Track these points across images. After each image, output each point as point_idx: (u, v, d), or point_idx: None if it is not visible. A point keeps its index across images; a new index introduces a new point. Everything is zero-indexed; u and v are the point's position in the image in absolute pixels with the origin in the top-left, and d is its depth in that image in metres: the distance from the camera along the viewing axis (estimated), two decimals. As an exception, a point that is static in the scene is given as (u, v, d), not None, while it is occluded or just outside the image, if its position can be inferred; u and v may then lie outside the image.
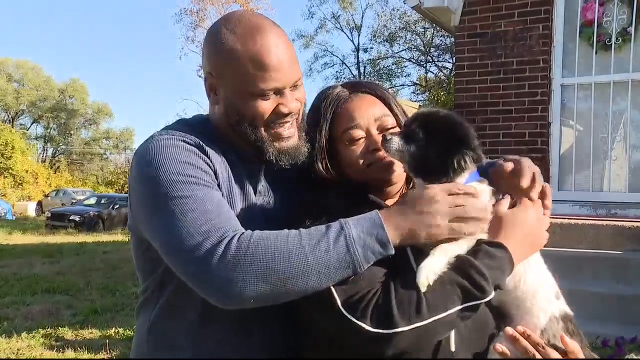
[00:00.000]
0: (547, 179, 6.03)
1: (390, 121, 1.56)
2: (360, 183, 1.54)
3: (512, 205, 1.44)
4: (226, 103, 1.49)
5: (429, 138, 1.41)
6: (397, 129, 1.55)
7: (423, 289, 1.25)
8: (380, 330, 1.22)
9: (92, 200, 26.24)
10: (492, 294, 1.27)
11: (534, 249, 1.41)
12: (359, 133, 1.53)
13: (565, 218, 5.26)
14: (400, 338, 1.22)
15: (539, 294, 1.42)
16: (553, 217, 5.47)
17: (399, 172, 1.54)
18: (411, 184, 1.61)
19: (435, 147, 1.40)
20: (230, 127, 1.50)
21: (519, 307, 1.43)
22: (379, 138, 1.51)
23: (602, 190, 5.98)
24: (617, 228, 4.89)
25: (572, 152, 6.05)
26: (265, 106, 1.45)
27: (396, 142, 1.43)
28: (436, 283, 1.26)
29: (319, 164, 1.55)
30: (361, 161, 1.53)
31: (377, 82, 2.23)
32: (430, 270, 1.28)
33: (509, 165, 1.48)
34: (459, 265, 1.29)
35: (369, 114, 1.55)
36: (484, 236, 1.37)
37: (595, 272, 4.72)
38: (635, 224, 4.89)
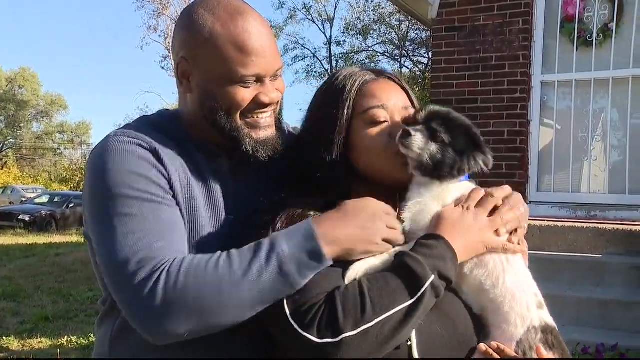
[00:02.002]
0: (525, 179, 6.10)
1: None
2: (362, 179, 1.49)
3: None
4: (201, 90, 1.45)
5: (451, 139, 1.43)
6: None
7: (346, 282, 1.29)
8: (327, 340, 1.22)
9: (44, 199, 25.63)
10: (431, 278, 1.27)
11: (468, 251, 1.38)
12: (383, 114, 1.47)
13: (544, 220, 5.33)
14: (349, 345, 1.22)
15: (517, 298, 1.40)
16: (532, 219, 5.56)
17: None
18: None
19: (454, 149, 1.43)
20: (204, 117, 1.47)
21: (497, 313, 1.41)
22: (403, 125, 1.46)
23: (582, 191, 6.08)
24: (597, 230, 4.97)
25: (552, 152, 6.13)
26: (245, 94, 1.43)
27: (419, 139, 1.42)
28: (378, 282, 1.27)
29: (336, 145, 1.46)
30: (382, 147, 1.45)
31: None
32: (361, 267, 1.32)
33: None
34: (396, 262, 1.31)
35: (396, 100, 1.50)
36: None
37: (574, 276, 4.78)
38: (616, 226, 4.98)
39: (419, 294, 1.26)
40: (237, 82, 1.41)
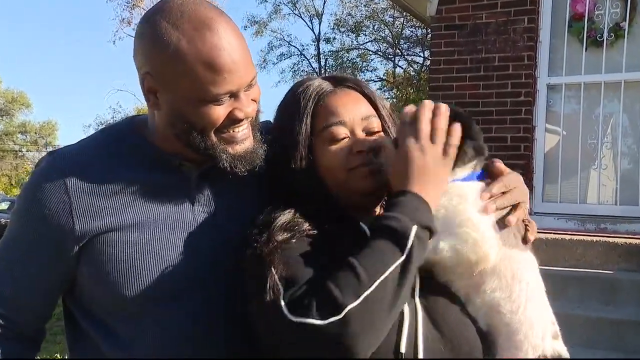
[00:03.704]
0: (530, 188, 6.10)
1: (376, 123, 1.57)
2: (337, 196, 1.55)
3: None
4: (170, 109, 1.46)
5: None
6: (382, 134, 1.57)
7: None
8: (332, 319, 1.23)
9: (4, 205, 25.32)
10: (414, 228, 1.31)
11: (438, 186, 1.42)
12: (342, 131, 1.52)
13: (549, 232, 5.35)
14: (356, 317, 1.23)
15: (535, 329, 1.43)
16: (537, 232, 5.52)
17: (384, 181, 1.53)
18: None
19: None
20: (175, 136, 1.49)
21: (509, 338, 1.44)
22: (364, 139, 1.53)
23: (591, 202, 6.11)
24: (608, 244, 5.00)
25: (558, 160, 6.16)
26: (219, 112, 1.44)
27: (392, 150, 1.45)
28: (363, 250, 1.31)
29: (298, 162, 1.52)
30: (343, 164, 1.52)
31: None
32: None
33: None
34: (373, 227, 1.35)
35: (355, 112, 1.54)
36: None
37: (583, 293, 4.80)
38: (628, 240, 5.01)
39: (408, 247, 1.30)
40: (209, 101, 1.42)
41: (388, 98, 25.24)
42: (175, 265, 1.50)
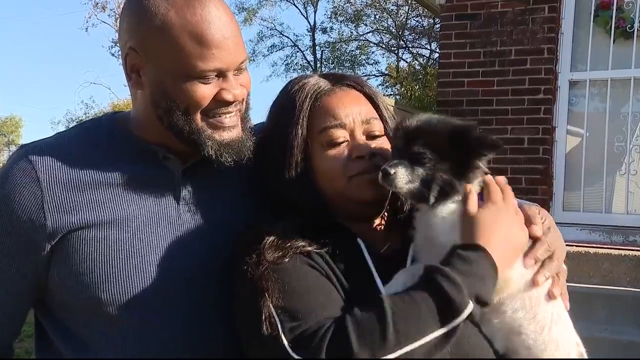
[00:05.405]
0: (549, 196, 6.09)
1: (378, 126, 1.60)
2: (333, 205, 1.56)
3: None
4: (154, 87, 1.49)
5: (439, 155, 1.45)
6: (386, 142, 1.58)
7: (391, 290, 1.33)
8: None
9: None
10: (470, 307, 1.28)
11: (517, 253, 1.43)
12: (341, 134, 1.55)
13: (572, 245, 5.31)
14: None
15: (560, 350, 1.46)
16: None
17: (386, 191, 1.54)
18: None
19: (447, 163, 1.45)
20: (158, 118, 1.51)
21: None
22: (364, 143, 1.55)
23: (618, 211, 6.10)
24: (638, 259, 4.97)
25: (581, 164, 6.16)
26: (205, 91, 1.47)
27: (403, 174, 1.43)
28: (405, 304, 1.28)
29: (293, 169, 1.53)
30: (341, 171, 1.53)
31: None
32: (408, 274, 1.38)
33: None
34: (428, 278, 1.31)
35: (355, 113, 1.57)
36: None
37: (611, 313, 4.78)
38: (660, 255, 4.97)
39: (454, 324, 1.27)
40: (195, 77, 1.45)
41: (391, 94, 25.31)
42: (160, 266, 1.50)
